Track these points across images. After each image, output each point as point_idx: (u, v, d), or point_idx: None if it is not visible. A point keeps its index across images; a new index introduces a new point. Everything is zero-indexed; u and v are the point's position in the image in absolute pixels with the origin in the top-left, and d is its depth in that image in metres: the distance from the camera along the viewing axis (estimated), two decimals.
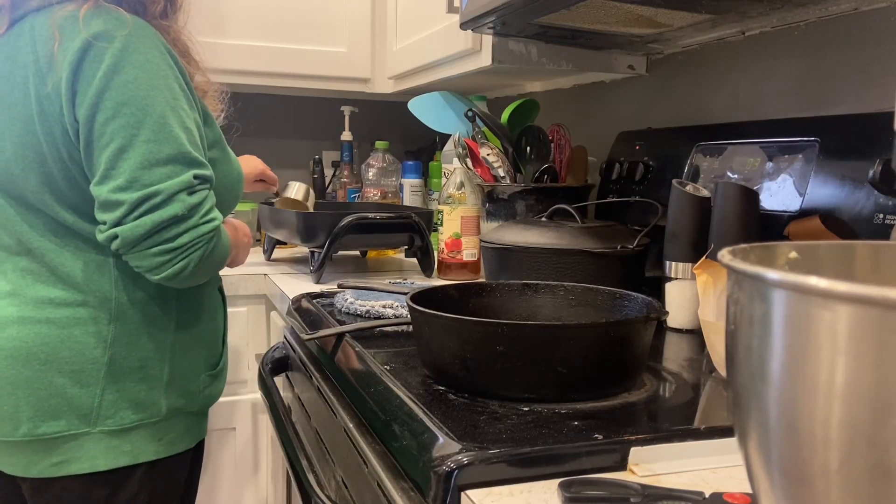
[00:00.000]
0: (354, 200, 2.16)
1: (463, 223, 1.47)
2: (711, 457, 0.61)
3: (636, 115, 1.57)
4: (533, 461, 0.58)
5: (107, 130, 0.90)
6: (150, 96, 0.92)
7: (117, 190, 0.89)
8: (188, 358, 1.06)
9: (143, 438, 1.01)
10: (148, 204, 0.89)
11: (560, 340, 0.69)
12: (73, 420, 0.97)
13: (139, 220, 0.89)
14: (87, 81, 0.90)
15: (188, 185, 0.92)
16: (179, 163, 0.92)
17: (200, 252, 0.93)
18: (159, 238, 0.90)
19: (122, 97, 0.90)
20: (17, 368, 0.95)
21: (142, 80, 0.92)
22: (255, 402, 1.63)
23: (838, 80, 1.10)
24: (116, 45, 0.91)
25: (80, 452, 0.97)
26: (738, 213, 0.98)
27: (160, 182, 0.90)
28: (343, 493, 0.81)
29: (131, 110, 0.90)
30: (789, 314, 0.32)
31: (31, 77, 0.93)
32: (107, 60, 0.90)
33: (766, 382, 0.33)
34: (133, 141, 0.90)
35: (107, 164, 0.90)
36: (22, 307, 0.97)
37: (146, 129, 0.91)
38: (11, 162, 0.95)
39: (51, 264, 0.97)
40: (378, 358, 0.86)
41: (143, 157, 0.90)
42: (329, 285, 1.42)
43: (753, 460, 0.36)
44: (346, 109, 2.27)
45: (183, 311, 1.05)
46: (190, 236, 0.92)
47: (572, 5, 1.08)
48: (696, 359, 0.90)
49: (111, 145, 0.90)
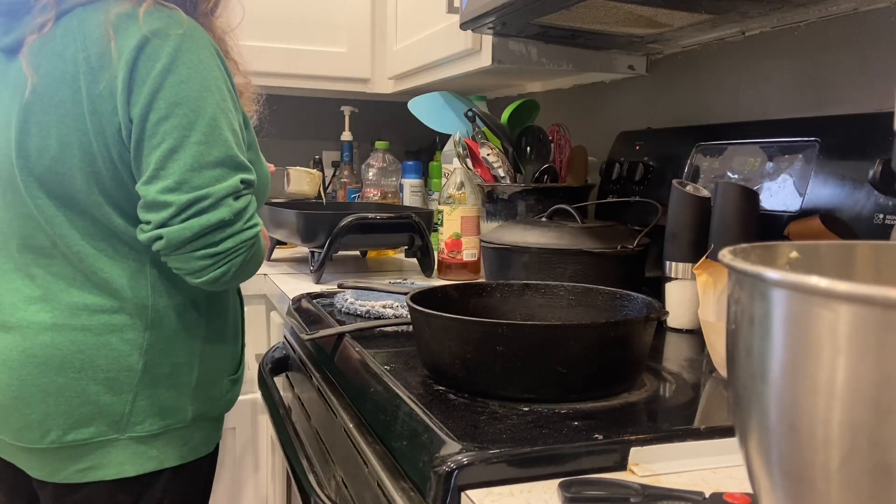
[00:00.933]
0: (354, 200, 2.16)
1: (463, 223, 1.47)
2: (711, 457, 0.61)
3: (636, 115, 1.57)
4: (533, 461, 0.58)
5: (159, 130, 0.89)
6: (202, 97, 0.91)
7: (166, 191, 0.88)
8: (214, 363, 1.06)
9: (169, 444, 1.00)
10: (196, 207, 0.89)
11: (560, 340, 0.69)
12: (103, 427, 0.96)
13: (186, 222, 0.88)
14: (142, 80, 0.89)
15: (235, 189, 0.92)
16: (227, 166, 0.92)
17: (242, 258, 0.93)
18: (204, 242, 0.90)
19: (175, 97, 0.90)
20: (49, 376, 0.94)
21: (194, 80, 0.91)
22: (255, 402, 1.62)
23: (838, 80, 1.10)
24: (171, 44, 0.90)
25: (108, 459, 0.96)
26: (738, 213, 0.98)
27: (209, 185, 0.90)
28: (343, 493, 0.81)
29: (184, 111, 0.90)
30: (790, 314, 0.32)
31: (81, 75, 0.91)
32: (162, 59, 0.89)
33: (767, 382, 0.33)
34: (184, 142, 0.89)
35: (156, 165, 0.89)
36: (55, 313, 0.95)
37: (197, 130, 0.90)
38: (57, 161, 0.92)
39: (88, 269, 0.95)
40: (378, 358, 0.86)
41: (193, 158, 0.89)
42: (329, 285, 1.42)
43: (754, 460, 0.36)
44: (346, 109, 2.27)
45: (212, 317, 1.05)
46: (234, 241, 0.91)
47: (572, 5, 1.08)
48: (696, 359, 0.90)
49: (162, 145, 0.89)
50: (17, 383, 0.94)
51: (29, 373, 0.94)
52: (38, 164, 0.92)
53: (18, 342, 0.95)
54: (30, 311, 0.95)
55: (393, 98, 2.15)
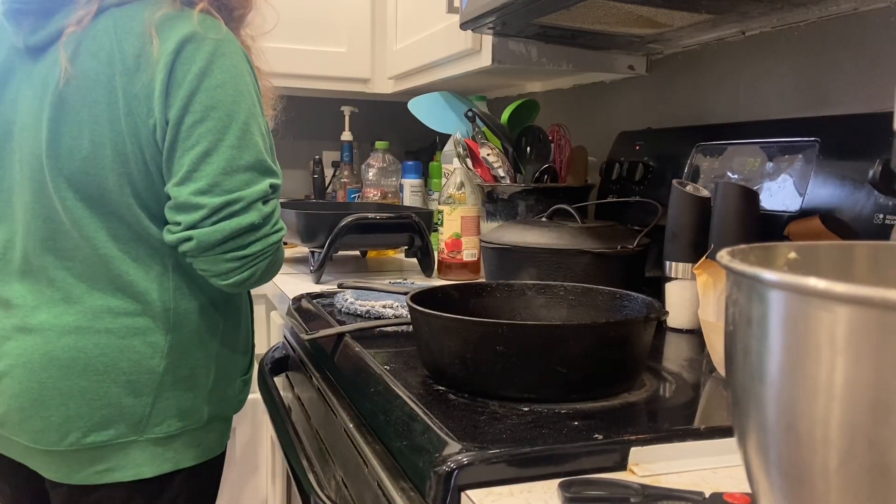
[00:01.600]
0: (354, 200, 2.16)
1: (463, 223, 1.47)
2: (711, 457, 0.61)
3: (636, 115, 1.57)
4: (533, 461, 0.58)
5: (193, 133, 0.90)
6: (235, 102, 0.92)
7: (198, 193, 0.90)
8: (228, 364, 1.06)
9: (185, 445, 1.01)
10: (228, 210, 0.90)
11: (560, 340, 0.69)
12: (123, 429, 0.96)
13: (217, 225, 0.90)
14: (178, 83, 0.90)
15: (264, 193, 0.93)
16: (257, 171, 0.93)
17: (267, 261, 0.95)
18: (234, 244, 0.91)
19: (210, 101, 0.91)
20: (71, 379, 0.94)
21: (229, 85, 0.92)
22: (255, 402, 1.62)
23: (838, 80, 1.10)
24: (207, 48, 0.92)
25: (126, 460, 0.96)
26: (738, 213, 0.98)
27: (240, 189, 0.91)
28: (343, 493, 0.81)
29: (219, 115, 0.91)
30: (788, 315, 0.32)
31: (117, 76, 0.91)
32: (198, 62, 0.91)
33: (765, 383, 0.33)
34: (218, 146, 0.91)
35: (190, 167, 0.90)
36: (78, 316, 0.95)
37: (231, 134, 0.91)
38: (88, 161, 0.92)
39: (112, 272, 0.95)
40: (378, 358, 0.86)
41: (226, 162, 0.91)
42: (329, 285, 1.42)
43: (753, 460, 0.36)
44: (346, 109, 2.27)
45: (228, 319, 1.06)
46: (261, 245, 0.93)
47: (572, 5, 1.08)
48: (696, 359, 0.90)
49: (196, 148, 0.90)
50: (37, 386, 0.94)
51: (50, 375, 0.94)
52: (68, 164, 0.92)
53: (40, 345, 0.94)
54: (51, 314, 0.95)
55: (393, 98, 2.15)
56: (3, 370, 0.95)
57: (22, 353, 0.95)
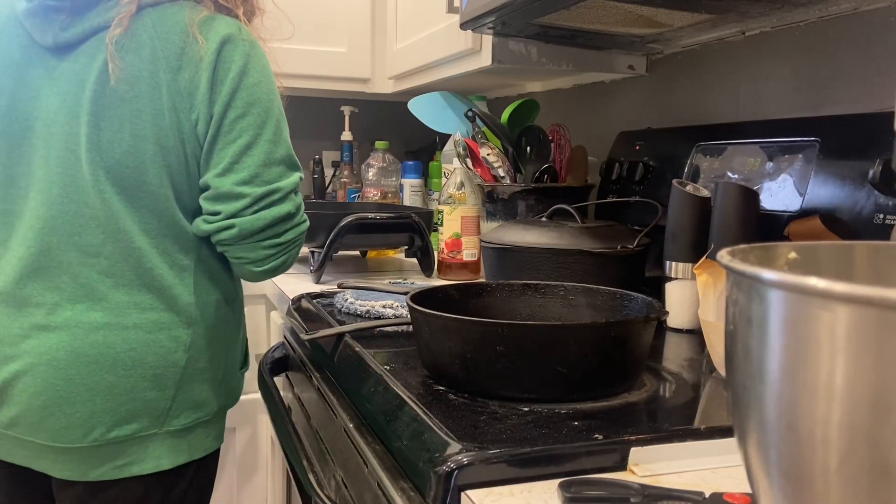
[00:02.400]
0: (354, 200, 2.16)
1: (463, 223, 1.47)
2: (711, 457, 0.61)
3: (636, 115, 1.57)
4: (533, 461, 0.58)
5: (235, 127, 0.96)
6: (270, 100, 1.00)
7: (241, 183, 0.96)
8: (234, 356, 1.10)
9: (198, 436, 1.03)
10: (268, 199, 0.97)
11: (560, 340, 0.69)
12: (145, 422, 0.97)
13: (259, 213, 0.97)
14: (221, 80, 0.96)
15: (296, 185, 1.01)
16: (288, 164, 1.01)
17: (298, 249, 1.05)
18: (272, 232, 0.99)
19: (251, 98, 0.97)
20: (99, 374, 0.94)
21: (263, 83, 0.99)
22: (255, 402, 1.62)
23: (838, 80, 1.10)
24: (243, 49, 0.98)
25: (146, 453, 0.98)
26: (738, 213, 0.98)
27: (277, 180, 0.98)
28: (343, 493, 0.81)
29: (258, 111, 0.98)
30: (788, 315, 0.32)
31: (161, 72, 0.94)
32: (238, 61, 0.97)
33: (765, 383, 0.33)
34: (258, 139, 0.97)
35: (232, 159, 0.96)
36: (105, 312, 0.95)
37: (268, 130, 0.98)
38: (129, 154, 0.94)
39: (139, 267, 0.96)
40: (378, 358, 0.86)
41: (265, 155, 0.97)
42: (329, 285, 1.42)
43: (753, 460, 0.36)
44: (346, 109, 2.27)
45: (233, 313, 1.09)
46: (295, 233, 1.02)
47: (572, 5, 1.08)
48: (696, 359, 0.90)
49: (238, 141, 0.96)
50: (62, 382, 0.94)
51: (77, 371, 0.94)
52: (108, 157, 0.94)
53: (66, 342, 0.94)
54: (77, 311, 0.95)
55: (393, 98, 2.15)
56: (21, 369, 0.95)
57: (46, 351, 0.94)
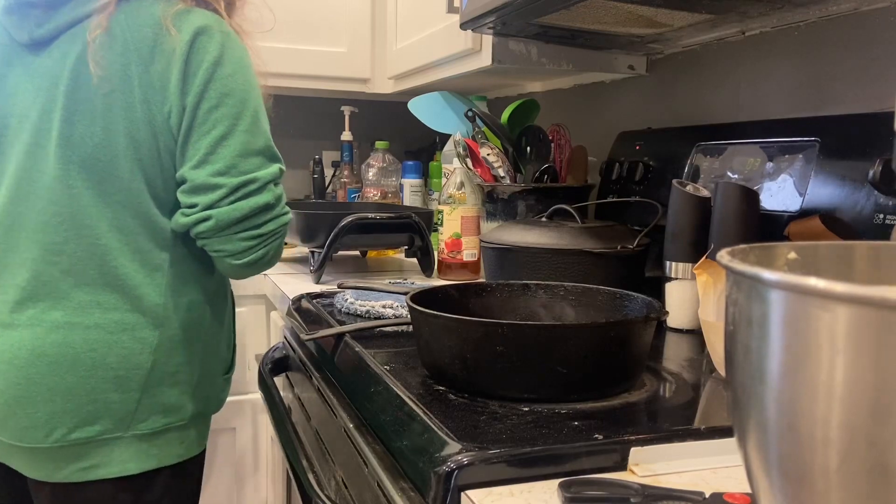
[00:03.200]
0: (354, 200, 2.16)
1: (463, 223, 1.47)
2: (711, 457, 0.61)
3: (636, 115, 1.57)
4: (533, 461, 0.58)
5: (210, 118, 0.95)
6: (246, 91, 0.98)
7: (216, 174, 0.94)
8: (212, 362, 1.07)
9: (169, 442, 1.01)
10: (245, 190, 0.96)
11: (560, 340, 0.69)
12: (109, 425, 0.96)
13: (236, 203, 0.95)
14: (193, 72, 0.95)
15: (276, 176, 1.00)
16: (267, 155, 1.00)
17: (279, 241, 1.01)
18: (250, 223, 0.97)
19: (225, 88, 0.96)
20: (59, 375, 0.94)
21: (239, 75, 0.98)
22: (255, 402, 1.63)
23: (838, 80, 1.10)
24: (218, 40, 0.97)
25: (111, 457, 0.97)
26: (738, 213, 0.98)
27: (255, 171, 0.97)
28: (343, 493, 0.81)
29: (233, 101, 0.96)
30: (788, 315, 0.32)
31: (132, 65, 0.94)
32: (211, 52, 0.96)
33: (765, 383, 0.33)
34: (233, 130, 0.96)
35: (207, 150, 0.95)
36: (67, 311, 0.95)
37: (244, 120, 0.97)
38: (100, 148, 0.94)
39: (106, 265, 0.95)
40: (378, 358, 0.86)
41: (241, 145, 0.96)
42: (329, 285, 1.42)
43: (753, 461, 0.36)
44: (346, 109, 2.27)
45: (213, 316, 1.07)
46: (274, 224, 0.99)
47: (572, 5, 1.08)
48: (696, 359, 0.90)
49: (213, 132, 0.95)
50: (24, 382, 0.93)
51: (38, 371, 0.93)
52: (80, 151, 0.94)
53: (28, 340, 0.94)
54: (39, 309, 0.95)
55: (393, 98, 2.15)
56: None
57: (7, 350, 0.94)
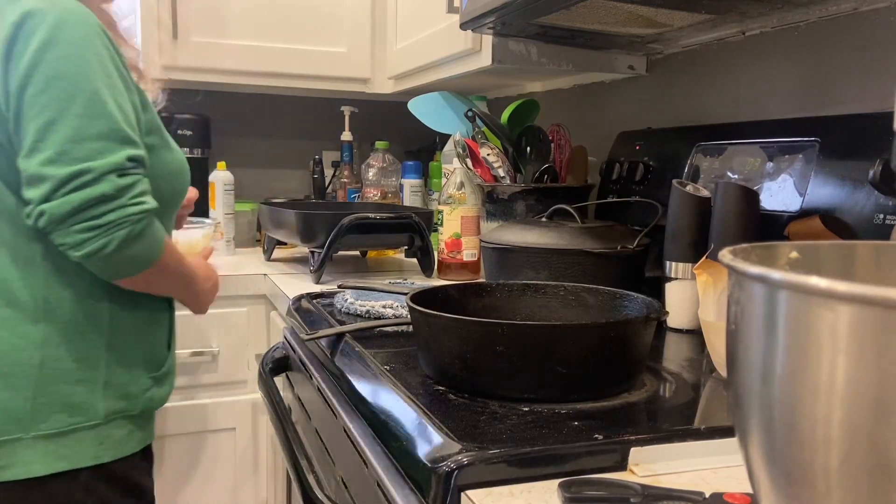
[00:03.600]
0: (354, 200, 2.16)
1: (463, 223, 1.47)
2: (711, 457, 0.61)
3: (636, 115, 1.57)
4: (533, 461, 0.58)
5: (36, 103, 0.89)
6: (82, 72, 0.90)
7: (46, 163, 0.87)
8: (126, 359, 1.02)
9: (82, 443, 0.97)
10: (77, 181, 0.87)
11: (560, 340, 0.69)
12: (6, 425, 0.92)
13: (67, 196, 0.87)
14: (19, 55, 0.89)
15: (119, 165, 0.90)
16: (112, 140, 0.90)
17: (125, 232, 0.90)
18: (86, 215, 0.88)
19: (54, 71, 0.89)
20: None
21: (75, 55, 0.90)
22: (255, 402, 1.62)
23: (838, 80, 1.10)
24: (50, 20, 0.90)
25: (14, 458, 0.93)
26: (738, 213, 0.98)
27: (90, 158, 0.88)
28: (343, 493, 0.81)
29: (63, 84, 0.89)
30: (790, 314, 0.32)
31: None
32: (40, 34, 0.89)
33: (767, 382, 0.33)
34: (64, 114, 0.89)
35: (35, 137, 0.88)
36: None
37: (78, 103, 0.89)
38: None
39: None
40: (378, 358, 0.86)
41: (73, 130, 0.88)
42: (329, 285, 1.42)
43: (754, 460, 0.36)
44: (346, 109, 2.27)
45: (116, 312, 1.01)
46: (116, 215, 0.89)
47: (572, 5, 1.08)
48: (696, 359, 0.90)
49: (40, 117, 0.88)
50: None
51: None
52: None
53: None
54: None
55: (393, 98, 2.14)
56: None
57: None
